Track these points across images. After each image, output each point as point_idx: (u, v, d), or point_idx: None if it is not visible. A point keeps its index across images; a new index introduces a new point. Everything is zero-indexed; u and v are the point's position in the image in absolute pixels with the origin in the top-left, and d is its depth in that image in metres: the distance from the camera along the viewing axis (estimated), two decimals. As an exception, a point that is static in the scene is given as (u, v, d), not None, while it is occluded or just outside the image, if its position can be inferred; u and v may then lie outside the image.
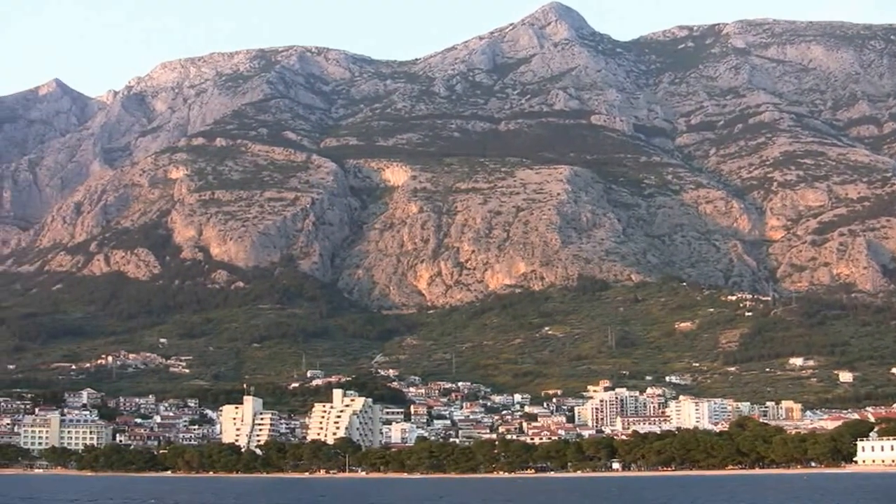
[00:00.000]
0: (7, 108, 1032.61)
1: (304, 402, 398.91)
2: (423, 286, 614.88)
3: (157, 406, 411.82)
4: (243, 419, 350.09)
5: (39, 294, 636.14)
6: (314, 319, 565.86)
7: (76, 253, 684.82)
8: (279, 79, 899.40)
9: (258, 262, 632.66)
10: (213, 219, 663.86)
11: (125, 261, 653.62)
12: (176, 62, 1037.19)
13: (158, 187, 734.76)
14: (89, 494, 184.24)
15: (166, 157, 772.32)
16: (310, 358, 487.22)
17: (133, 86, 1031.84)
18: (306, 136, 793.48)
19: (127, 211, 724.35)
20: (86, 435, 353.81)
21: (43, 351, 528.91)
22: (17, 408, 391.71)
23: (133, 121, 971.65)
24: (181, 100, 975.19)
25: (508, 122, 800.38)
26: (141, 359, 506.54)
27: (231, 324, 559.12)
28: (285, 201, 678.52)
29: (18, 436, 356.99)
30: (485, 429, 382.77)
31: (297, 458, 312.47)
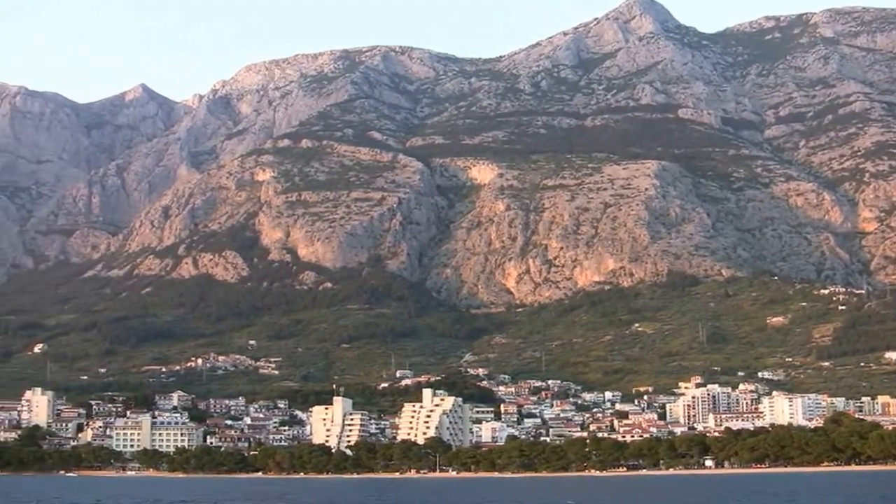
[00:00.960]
0: (95, 114, 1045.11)
1: (394, 402, 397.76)
2: (512, 284, 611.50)
3: (247, 407, 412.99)
4: (333, 420, 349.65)
5: (129, 298, 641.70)
6: (402, 319, 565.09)
7: (165, 256, 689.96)
8: (364, 79, 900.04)
9: (346, 263, 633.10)
10: (301, 220, 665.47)
11: (213, 263, 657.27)
12: (260, 64, 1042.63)
13: (245, 190, 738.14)
14: (201, 495, 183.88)
15: (252, 160, 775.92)
16: (399, 358, 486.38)
17: (218, 89, 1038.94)
18: (392, 136, 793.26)
19: (214, 214, 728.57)
20: (177, 437, 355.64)
21: (133, 354, 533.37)
22: (108, 411, 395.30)
23: (219, 124, 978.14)
24: (266, 102, 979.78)
25: (594, 117, 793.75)
26: (230, 361, 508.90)
27: (320, 325, 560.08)
28: (372, 201, 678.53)
29: (111, 438, 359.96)
30: (575, 427, 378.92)
31: (388, 459, 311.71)
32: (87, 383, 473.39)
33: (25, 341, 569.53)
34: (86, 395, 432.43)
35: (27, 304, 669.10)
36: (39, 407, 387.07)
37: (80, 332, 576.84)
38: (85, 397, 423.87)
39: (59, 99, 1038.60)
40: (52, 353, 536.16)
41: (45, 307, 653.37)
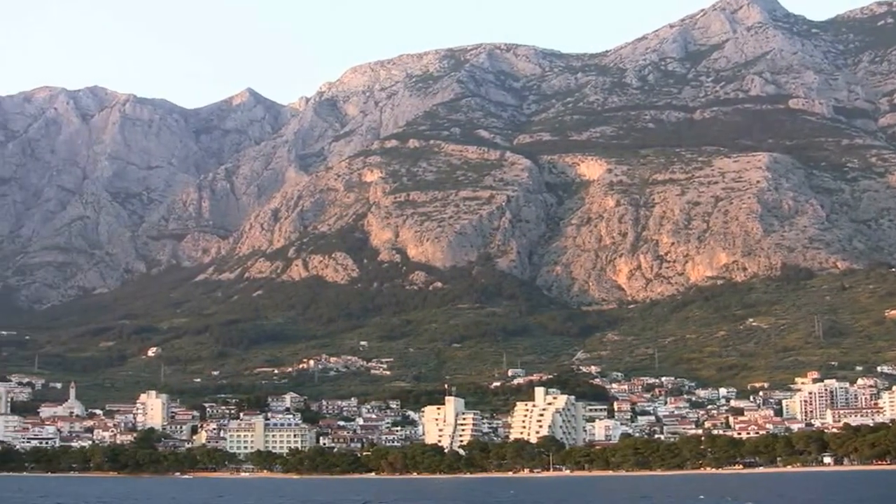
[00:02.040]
0: (203, 119, 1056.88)
1: (506, 401, 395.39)
2: (623, 280, 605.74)
3: (360, 408, 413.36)
4: (445, 420, 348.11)
5: (240, 301, 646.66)
6: (513, 318, 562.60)
7: (275, 259, 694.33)
8: (469, 77, 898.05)
9: (455, 262, 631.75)
10: (410, 220, 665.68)
11: (323, 265, 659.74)
12: (366, 66, 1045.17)
13: (354, 191, 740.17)
14: (325, 494, 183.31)
15: (360, 161, 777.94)
16: (510, 356, 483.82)
17: (324, 91, 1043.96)
18: (499, 134, 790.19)
19: (323, 216, 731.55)
20: (290, 438, 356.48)
21: (245, 357, 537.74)
22: (222, 413, 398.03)
23: (326, 126, 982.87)
24: (372, 103, 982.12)
25: (703, 110, 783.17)
26: (342, 362, 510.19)
27: (430, 324, 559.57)
28: (481, 200, 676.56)
29: (224, 440, 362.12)
30: (690, 424, 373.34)
31: (501, 458, 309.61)
32: (201, 386, 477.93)
33: (139, 345, 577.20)
34: (199, 397, 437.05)
35: (140, 308, 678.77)
36: (154, 410, 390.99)
37: (193, 335, 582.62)
38: (198, 400, 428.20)
39: (167, 105, 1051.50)
40: (165, 356, 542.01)
41: (158, 311, 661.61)
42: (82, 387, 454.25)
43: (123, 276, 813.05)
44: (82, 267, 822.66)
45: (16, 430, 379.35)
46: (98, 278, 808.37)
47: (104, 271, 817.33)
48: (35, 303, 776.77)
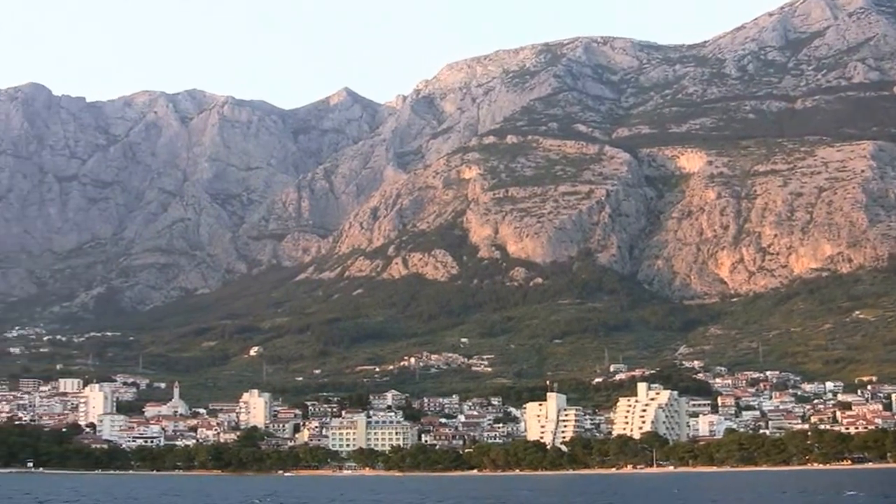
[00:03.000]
0: (301, 119, 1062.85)
1: (608, 396, 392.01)
2: (725, 274, 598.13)
3: (461, 405, 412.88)
4: (547, 416, 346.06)
5: (341, 299, 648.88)
6: (615, 313, 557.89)
7: (375, 257, 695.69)
8: (566, 72, 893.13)
9: (556, 258, 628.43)
10: (509, 216, 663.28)
11: (423, 263, 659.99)
12: (462, 62, 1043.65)
13: (452, 188, 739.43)
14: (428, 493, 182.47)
15: (458, 158, 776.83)
16: (612, 352, 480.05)
17: (421, 89, 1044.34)
18: (597, 128, 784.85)
19: (422, 213, 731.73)
20: (392, 436, 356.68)
21: (347, 355, 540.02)
22: (324, 411, 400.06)
23: (423, 124, 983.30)
24: (469, 99, 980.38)
25: (805, 99, 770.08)
26: (443, 359, 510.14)
27: (531, 321, 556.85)
28: (580, 195, 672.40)
29: (327, 438, 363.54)
30: (796, 419, 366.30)
31: (604, 454, 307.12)
32: (303, 384, 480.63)
33: (241, 344, 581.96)
34: (301, 396, 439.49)
35: (242, 308, 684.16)
36: (257, 408, 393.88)
37: (294, 334, 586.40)
38: (300, 398, 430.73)
39: (265, 107, 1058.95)
40: (267, 355, 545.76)
41: (260, 311, 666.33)
42: (186, 386, 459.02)
43: (225, 276, 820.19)
44: (184, 268, 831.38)
45: (121, 430, 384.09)
46: (200, 279, 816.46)
47: (206, 272, 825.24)
48: (138, 304, 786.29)
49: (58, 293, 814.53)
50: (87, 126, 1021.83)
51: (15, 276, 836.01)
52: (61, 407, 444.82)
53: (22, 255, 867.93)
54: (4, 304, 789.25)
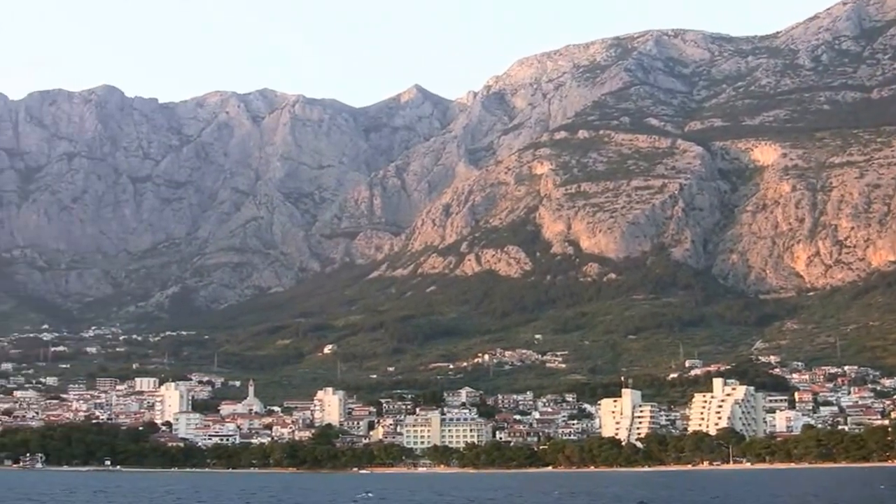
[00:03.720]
0: (372, 117, 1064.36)
1: (684, 392, 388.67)
2: (801, 267, 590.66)
3: (535, 402, 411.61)
4: (622, 412, 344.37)
5: (414, 297, 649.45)
6: (689, 308, 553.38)
7: (447, 254, 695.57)
8: (637, 65, 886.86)
9: (629, 253, 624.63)
10: (581, 212, 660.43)
11: (496, 259, 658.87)
12: (532, 58, 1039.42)
13: (524, 184, 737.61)
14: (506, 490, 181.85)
15: (530, 154, 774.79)
16: (687, 347, 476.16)
17: (491, 85, 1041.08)
18: (669, 122, 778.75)
19: (494, 210, 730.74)
20: (466, 433, 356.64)
21: (420, 352, 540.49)
22: (398, 408, 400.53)
23: (494, 120, 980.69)
24: (540, 95, 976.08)
25: (881, 89, 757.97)
26: (517, 356, 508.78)
27: (605, 316, 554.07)
28: (653, 189, 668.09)
29: (401, 436, 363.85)
30: (875, 414, 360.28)
31: (679, 451, 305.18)
32: (377, 382, 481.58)
33: (315, 342, 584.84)
34: (375, 393, 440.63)
35: (316, 306, 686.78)
36: (331, 406, 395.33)
37: (368, 331, 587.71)
38: (375, 396, 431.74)
39: (336, 105, 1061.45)
40: (341, 353, 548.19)
41: (333, 309, 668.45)
42: (260, 384, 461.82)
43: (298, 274, 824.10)
44: (258, 267, 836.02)
45: (197, 428, 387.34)
46: (273, 277, 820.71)
47: (279, 270, 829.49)
48: (213, 303, 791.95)
49: (133, 293, 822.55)
50: (160, 127, 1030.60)
51: (91, 276, 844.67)
52: (137, 406, 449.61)
53: (97, 256, 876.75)
54: (81, 305, 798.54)
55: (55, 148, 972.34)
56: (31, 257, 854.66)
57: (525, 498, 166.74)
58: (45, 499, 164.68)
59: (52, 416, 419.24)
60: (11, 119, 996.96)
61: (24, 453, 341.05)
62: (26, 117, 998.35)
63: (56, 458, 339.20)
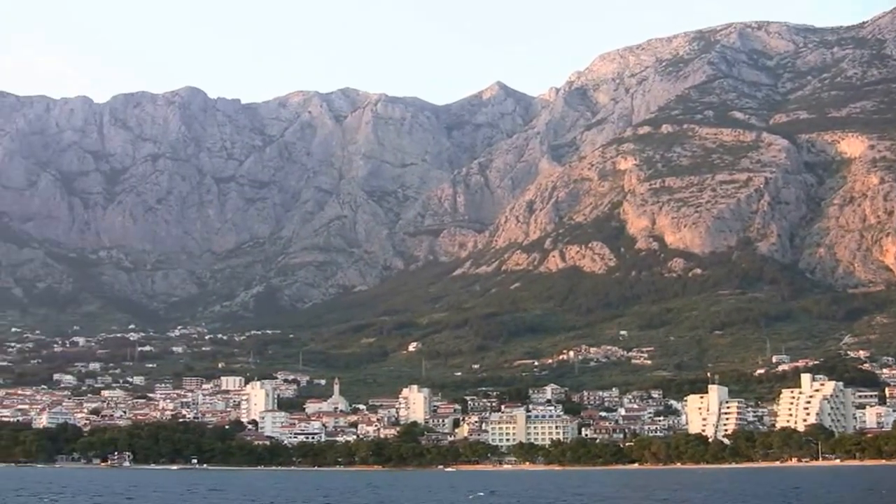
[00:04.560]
0: (454, 114, 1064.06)
1: (771, 388, 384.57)
2: (891, 261, 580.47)
3: (621, 398, 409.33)
4: (709, 408, 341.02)
5: (498, 294, 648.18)
6: (776, 303, 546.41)
7: (531, 251, 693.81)
8: (721, 58, 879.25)
9: (714, 248, 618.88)
10: (666, 207, 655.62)
11: (580, 255, 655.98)
12: (614, 53, 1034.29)
13: (608, 180, 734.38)
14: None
15: (613, 149, 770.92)
16: (774, 343, 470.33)
17: (574, 81, 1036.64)
18: (754, 115, 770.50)
19: (578, 206, 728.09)
20: (551, 430, 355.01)
21: (505, 349, 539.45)
22: (483, 406, 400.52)
23: (577, 116, 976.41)
24: (623, 90, 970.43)
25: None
26: (602, 352, 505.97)
27: (691, 312, 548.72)
28: (738, 183, 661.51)
29: (486, 433, 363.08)
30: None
31: (767, 447, 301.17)
32: (461, 379, 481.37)
33: (400, 340, 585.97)
34: (460, 391, 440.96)
35: (400, 304, 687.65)
36: (416, 404, 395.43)
37: (452, 329, 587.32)
38: (459, 393, 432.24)
39: (418, 103, 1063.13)
40: (426, 350, 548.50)
41: (418, 306, 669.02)
42: (345, 383, 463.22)
43: (382, 273, 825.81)
44: (342, 265, 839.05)
45: (283, 426, 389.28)
46: (357, 276, 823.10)
47: (363, 269, 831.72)
48: (297, 302, 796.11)
49: (218, 293, 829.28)
50: (242, 128, 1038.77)
51: (176, 276, 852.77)
52: (223, 404, 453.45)
53: (182, 256, 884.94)
54: (167, 305, 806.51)
55: (140, 150, 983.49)
56: (117, 258, 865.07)
57: (642, 494, 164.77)
58: (165, 495, 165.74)
59: (139, 415, 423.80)
60: (96, 122, 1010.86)
61: (112, 452, 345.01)
62: (111, 120, 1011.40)
63: (143, 456, 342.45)
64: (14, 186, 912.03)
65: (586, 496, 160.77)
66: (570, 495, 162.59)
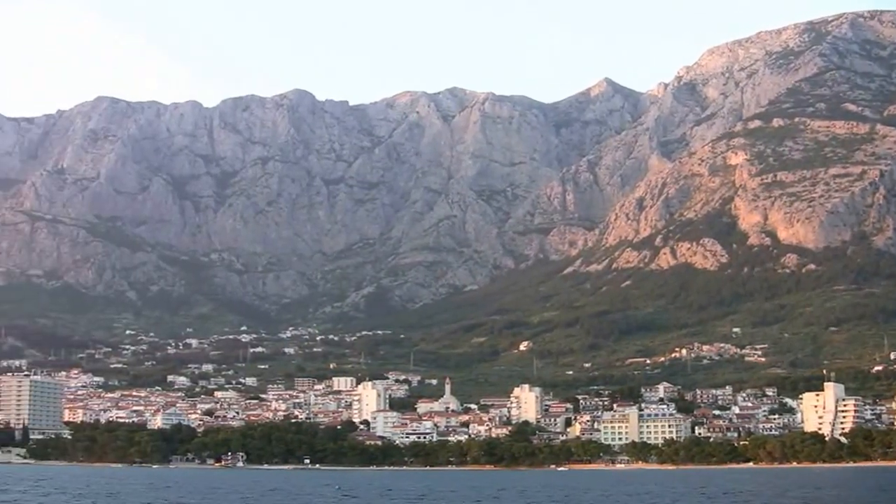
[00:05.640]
0: (562, 112, 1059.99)
1: (889, 385, 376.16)
2: None
3: (735, 397, 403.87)
4: (825, 406, 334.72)
5: (609, 292, 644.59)
6: (894, 298, 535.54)
7: (642, 248, 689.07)
8: (832, 50, 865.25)
9: (828, 243, 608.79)
10: (778, 201, 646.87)
11: (691, 252, 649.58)
12: (723, 46, 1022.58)
13: (718, 175, 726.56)
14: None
15: (723, 144, 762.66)
16: (892, 339, 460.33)
17: (682, 75, 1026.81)
18: (867, 106, 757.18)
19: (689, 202, 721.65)
20: (664, 429, 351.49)
21: (616, 348, 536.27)
22: (595, 405, 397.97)
23: (686, 111, 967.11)
24: (732, 84, 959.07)
25: None
26: (715, 350, 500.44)
27: (805, 308, 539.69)
28: (852, 176, 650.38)
29: (598, 432, 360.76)
30: None
31: (886, 446, 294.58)
32: (573, 378, 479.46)
33: (511, 340, 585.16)
34: (572, 389, 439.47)
35: (510, 303, 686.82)
36: (528, 403, 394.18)
37: (563, 328, 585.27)
38: (571, 392, 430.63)
39: (525, 101, 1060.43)
40: (536, 350, 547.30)
41: (528, 305, 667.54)
42: (456, 382, 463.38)
43: (492, 272, 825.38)
44: (451, 265, 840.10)
45: (395, 426, 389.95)
46: (467, 275, 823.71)
47: (473, 268, 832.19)
48: (408, 302, 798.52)
49: (329, 294, 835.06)
50: (351, 129, 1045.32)
51: (287, 278, 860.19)
52: (335, 405, 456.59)
53: (293, 258, 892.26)
54: (278, 306, 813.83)
55: (249, 153, 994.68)
56: (228, 261, 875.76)
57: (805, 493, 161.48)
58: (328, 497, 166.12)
59: (252, 415, 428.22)
60: (206, 126, 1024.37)
61: (226, 452, 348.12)
62: (221, 124, 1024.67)
63: (256, 456, 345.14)
64: (127, 191, 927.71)
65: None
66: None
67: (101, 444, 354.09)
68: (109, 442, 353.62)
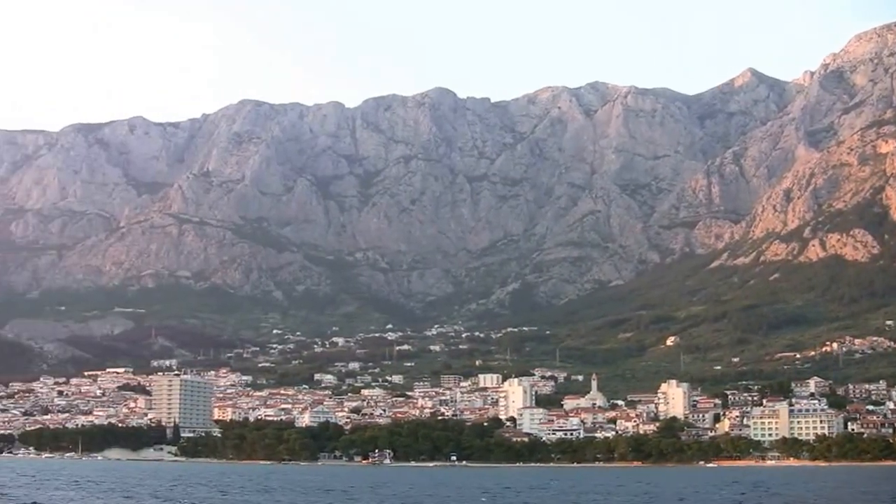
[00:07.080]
0: (705, 104, 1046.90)
1: None
2: None
3: (889, 392, 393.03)
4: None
5: (757, 285, 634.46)
6: None
7: (790, 241, 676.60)
8: None
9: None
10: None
11: (841, 244, 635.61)
12: (871, 32, 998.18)
13: (868, 164, 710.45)
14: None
15: (873, 132, 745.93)
16: None
17: (829, 63, 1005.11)
18: None
19: (838, 192, 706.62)
20: (815, 424, 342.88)
21: (765, 342, 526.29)
22: (744, 400, 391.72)
23: (833, 99, 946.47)
24: (882, 70, 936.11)
25: None
26: (867, 343, 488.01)
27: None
28: None
29: (748, 428, 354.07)
30: None
31: None
32: (721, 373, 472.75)
33: (657, 335, 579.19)
34: (720, 385, 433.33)
35: (656, 298, 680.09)
36: (675, 399, 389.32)
37: (711, 322, 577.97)
38: (719, 388, 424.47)
39: (668, 94, 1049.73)
40: (684, 344, 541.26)
41: (674, 300, 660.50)
42: (603, 378, 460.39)
43: (637, 267, 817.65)
44: (596, 260, 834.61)
45: (541, 423, 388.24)
46: (613, 271, 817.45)
47: (618, 263, 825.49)
48: (553, 298, 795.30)
49: (474, 291, 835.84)
50: (493, 126, 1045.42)
51: (432, 276, 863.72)
52: (481, 402, 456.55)
53: (438, 256, 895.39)
54: (424, 304, 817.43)
55: (392, 152, 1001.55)
56: (373, 259, 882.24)
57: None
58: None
59: (398, 413, 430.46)
60: (349, 126, 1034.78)
61: (373, 449, 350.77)
62: (363, 124, 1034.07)
63: (403, 453, 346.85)
64: (272, 192, 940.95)
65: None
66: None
67: (251, 442, 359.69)
68: (258, 440, 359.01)
